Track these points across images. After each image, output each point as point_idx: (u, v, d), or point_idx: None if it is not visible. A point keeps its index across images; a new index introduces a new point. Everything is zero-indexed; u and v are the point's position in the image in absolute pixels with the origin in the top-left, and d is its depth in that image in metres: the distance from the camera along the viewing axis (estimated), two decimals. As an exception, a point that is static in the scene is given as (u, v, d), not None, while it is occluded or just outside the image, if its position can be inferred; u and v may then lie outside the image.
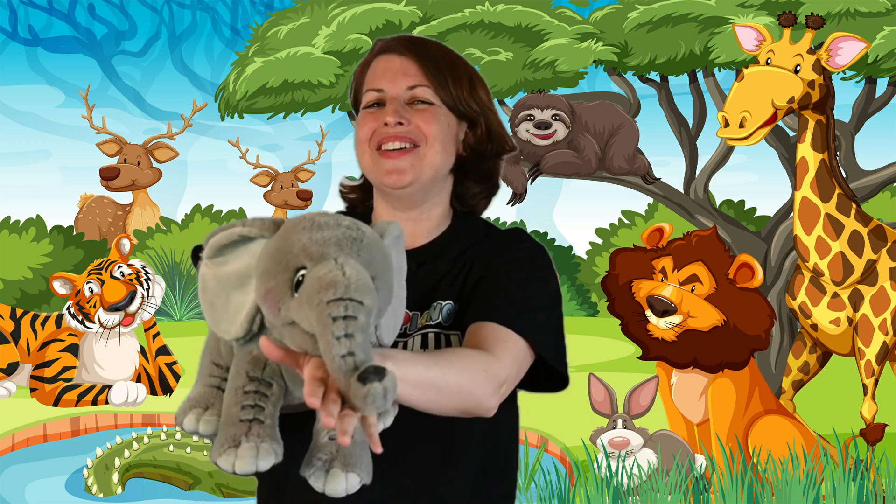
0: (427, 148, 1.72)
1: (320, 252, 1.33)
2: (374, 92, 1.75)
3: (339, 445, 1.40)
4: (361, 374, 1.24)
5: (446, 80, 1.75)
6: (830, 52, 4.42)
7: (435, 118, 1.73)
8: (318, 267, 1.31)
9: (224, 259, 1.41)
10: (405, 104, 1.73)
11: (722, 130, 4.45)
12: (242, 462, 1.35)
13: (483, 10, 5.58)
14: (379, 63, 1.78)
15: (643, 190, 5.65)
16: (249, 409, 1.38)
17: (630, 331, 4.49)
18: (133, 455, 5.09)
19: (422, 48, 1.78)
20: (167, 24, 11.21)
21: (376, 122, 1.73)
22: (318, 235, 1.34)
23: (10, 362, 6.17)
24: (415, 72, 1.75)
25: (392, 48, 1.78)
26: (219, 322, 1.41)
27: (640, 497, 4.41)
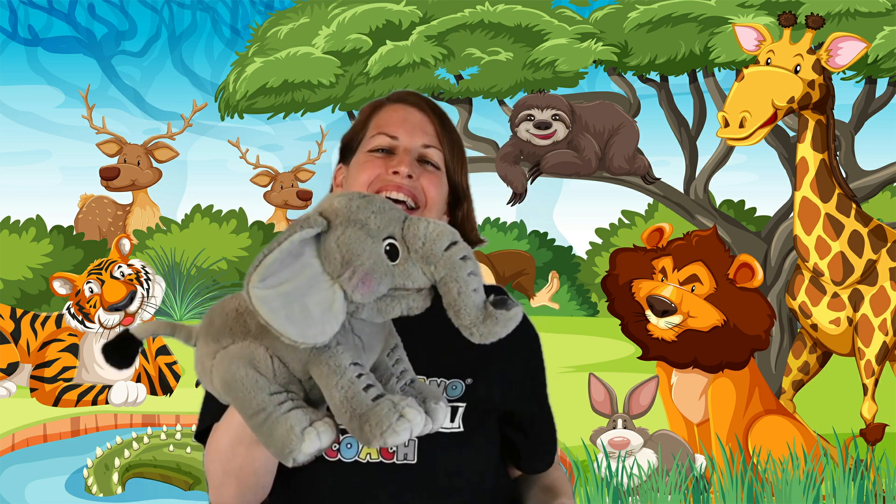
0: (426, 211, 1.69)
1: (394, 217, 1.43)
2: (386, 137, 1.71)
3: (417, 388, 1.52)
4: (497, 302, 1.40)
5: (454, 152, 1.74)
6: (830, 52, 4.42)
7: (440, 184, 1.71)
8: (412, 227, 1.42)
9: (278, 278, 1.40)
10: (415, 159, 1.70)
11: (722, 130, 4.45)
12: (417, 423, 1.41)
13: (483, 10, 5.58)
14: (396, 111, 1.74)
15: (643, 190, 5.65)
16: (372, 388, 1.43)
17: (630, 331, 4.49)
18: (133, 455, 5.09)
19: (440, 113, 1.76)
20: (167, 24, 11.21)
21: (384, 168, 1.69)
22: (377, 206, 1.44)
23: (10, 362, 6.17)
24: (432, 132, 1.72)
25: (411, 101, 1.75)
26: (307, 331, 1.39)
27: (640, 497, 4.41)
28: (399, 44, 5.59)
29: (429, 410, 1.48)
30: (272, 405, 1.46)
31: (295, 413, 1.45)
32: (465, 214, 1.77)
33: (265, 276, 1.39)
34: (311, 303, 1.40)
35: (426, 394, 1.50)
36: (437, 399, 1.49)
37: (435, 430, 1.47)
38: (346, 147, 1.78)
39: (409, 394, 1.50)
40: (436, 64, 5.59)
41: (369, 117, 1.76)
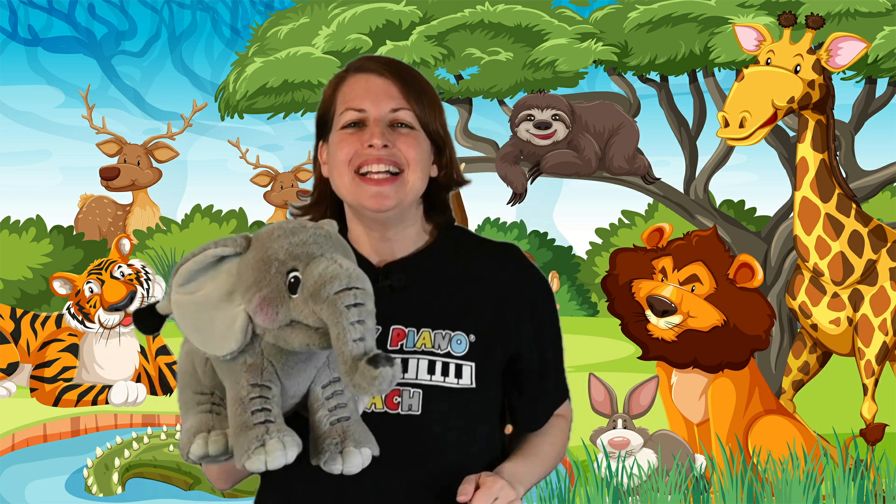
0: (409, 173, 1.71)
1: (307, 252, 1.45)
2: (354, 111, 1.72)
3: (344, 427, 1.52)
4: (371, 358, 1.38)
5: (424, 104, 1.74)
6: (830, 52, 4.42)
7: (417, 143, 1.72)
8: (313, 265, 1.43)
9: (197, 284, 1.48)
10: (387, 126, 1.71)
11: (722, 130, 4.44)
12: (273, 457, 1.45)
13: (483, 10, 5.58)
14: (357, 82, 1.75)
15: (643, 190, 5.65)
16: (259, 412, 1.47)
17: (630, 331, 4.49)
18: (133, 455, 5.09)
19: (401, 70, 1.76)
20: (167, 24, 11.21)
21: (359, 143, 1.70)
22: (297, 239, 1.46)
23: (10, 362, 6.17)
24: (396, 94, 1.73)
25: (371, 68, 1.76)
26: (208, 342, 1.48)
27: (640, 497, 4.41)
28: (399, 44, 5.59)
29: (344, 453, 1.51)
30: (192, 403, 1.56)
31: (202, 416, 1.54)
32: (448, 160, 1.79)
33: (183, 282, 1.48)
34: (218, 317, 1.47)
35: (349, 435, 1.52)
36: (358, 444, 1.52)
37: (346, 472, 1.52)
38: (320, 123, 1.79)
39: (336, 430, 1.52)
40: (436, 64, 5.59)
41: (335, 92, 1.77)
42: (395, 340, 1.68)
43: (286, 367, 1.49)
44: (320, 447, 1.52)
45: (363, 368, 1.38)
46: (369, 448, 1.53)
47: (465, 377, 1.68)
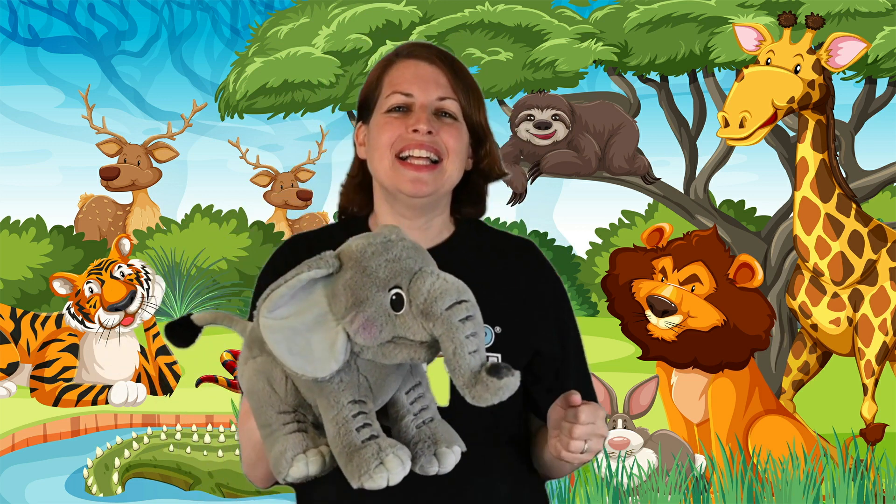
0: (448, 163, 1.73)
1: (405, 268, 1.44)
2: (401, 95, 1.73)
3: (432, 430, 1.54)
4: (491, 369, 1.40)
5: (470, 97, 1.76)
6: (830, 52, 4.42)
7: (459, 134, 1.74)
8: (418, 282, 1.43)
9: (289, 309, 1.47)
10: (432, 113, 1.73)
11: (722, 130, 4.44)
12: (395, 473, 1.45)
13: (483, 10, 5.58)
14: (407, 67, 1.76)
15: (643, 190, 5.65)
16: (364, 429, 1.47)
17: (630, 331, 4.49)
18: (133, 455, 5.09)
19: (451, 61, 1.78)
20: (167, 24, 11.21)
21: (403, 127, 1.72)
22: (391, 255, 1.45)
23: (10, 362, 6.17)
24: (445, 83, 1.75)
25: (421, 55, 1.77)
26: (307, 365, 1.46)
27: (640, 497, 4.41)
28: (399, 44, 5.58)
29: (438, 454, 1.52)
30: (277, 423, 1.53)
31: (294, 436, 1.53)
32: (487, 152, 1.81)
33: (273, 308, 1.46)
34: (315, 340, 1.46)
35: (439, 436, 1.54)
36: (449, 443, 1.53)
37: (442, 472, 1.53)
38: (363, 106, 1.80)
39: (425, 433, 1.54)
40: (436, 64, 5.58)
41: (382, 75, 1.78)
42: None
43: (379, 381, 1.50)
44: (413, 452, 1.52)
45: (486, 380, 1.39)
46: (458, 445, 1.54)
47: None
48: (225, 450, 4.97)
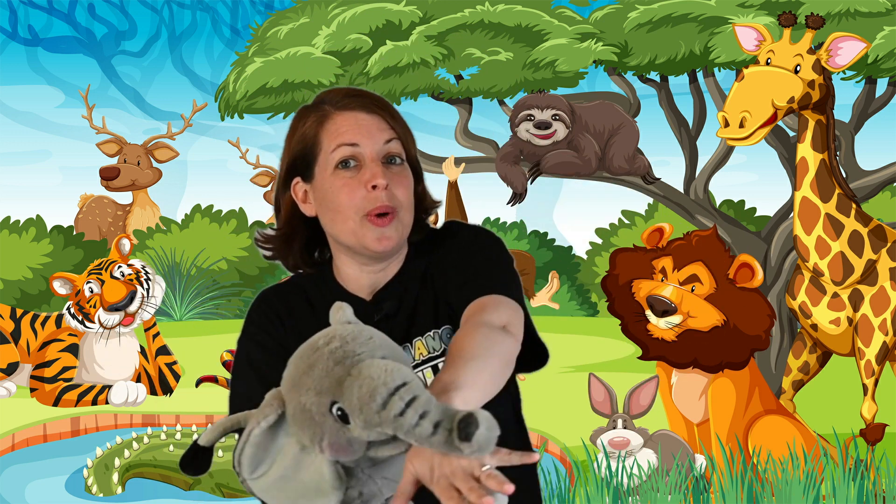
0: (404, 213, 1.74)
1: (334, 380, 1.37)
2: (347, 147, 1.73)
3: None
4: (459, 433, 1.29)
5: (407, 134, 1.77)
6: (830, 52, 4.42)
7: (406, 180, 1.76)
8: (347, 393, 1.35)
9: (266, 465, 1.44)
10: (382, 161, 1.73)
11: (722, 130, 4.44)
12: None
13: (483, 10, 5.58)
14: (346, 119, 1.74)
15: (643, 190, 5.65)
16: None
17: (630, 331, 4.49)
18: (133, 455, 5.09)
19: (384, 104, 1.78)
20: (167, 24, 11.21)
21: (360, 186, 1.72)
22: (316, 373, 1.38)
23: (10, 362, 6.17)
24: (386, 126, 1.75)
25: (355, 106, 1.76)
26: (311, 503, 1.44)
27: (640, 497, 4.41)
28: (399, 44, 5.58)
29: None
30: None
31: None
32: (423, 187, 1.83)
33: (252, 469, 1.43)
34: (306, 479, 1.42)
35: None
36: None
37: None
38: (299, 162, 1.79)
39: None
40: (436, 64, 5.59)
41: (318, 129, 1.76)
42: None
43: (391, 468, 1.45)
44: None
45: (460, 446, 1.30)
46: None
47: None
48: (225, 450, 4.97)
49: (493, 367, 1.55)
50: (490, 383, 1.53)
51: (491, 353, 1.55)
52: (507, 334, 1.61)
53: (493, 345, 1.57)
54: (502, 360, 1.58)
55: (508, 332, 1.62)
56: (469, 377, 1.47)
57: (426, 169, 1.87)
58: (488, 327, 1.60)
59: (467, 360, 1.51)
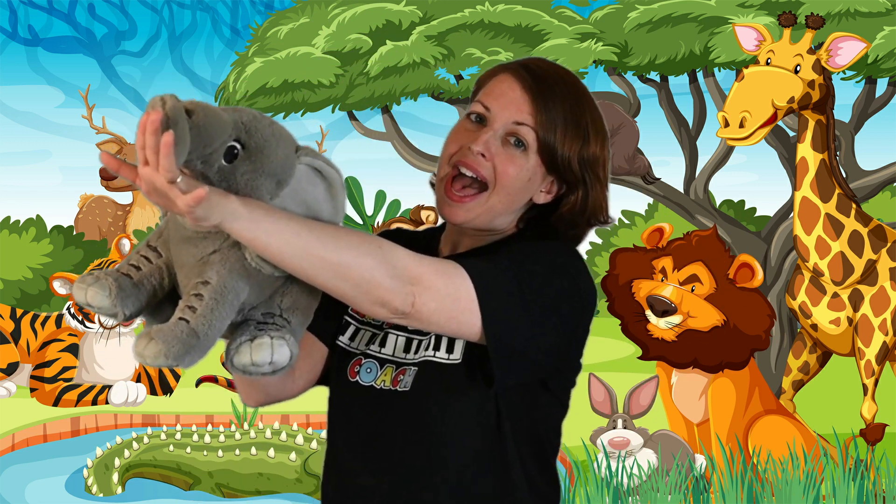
0: (493, 193, 1.63)
1: None
2: (481, 105, 1.66)
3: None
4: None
5: (557, 128, 1.63)
6: (830, 52, 4.42)
7: (517, 165, 1.63)
8: None
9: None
10: (502, 136, 1.63)
11: (722, 130, 4.44)
12: None
13: (483, 10, 5.58)
14: (502, 82, 1.67)
15: (643, 190, 5.65)
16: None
17: (630, 331, 4.49)
18: (133, 455, 5.09)
19: (548, 87, 1.65)
20: (167, 24, 11.22)
21: (467, 138, 1.64)
22: None
23: (10, 362, 6.17)
24: (527, 109, 1.63)
25: (520, 76, 1.66)
26: None
27: (640, 497, 4.41)
28: (399, 44, 5.59)
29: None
30: None
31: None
32: (573, 205, 1.67)
33: None
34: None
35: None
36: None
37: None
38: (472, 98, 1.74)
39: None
40: (436, 64, 5.59)
41: (488, 80, 1.71)
42: None
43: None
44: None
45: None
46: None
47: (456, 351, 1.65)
48: (225, 450, 4.97)
49: (317, 251, 1.42)
50: (299, 247, 1.42)
51: (330, 244, 1.43)
52: (381, 262, 1.44)
53: (344, 246, 1.44)
54: (336, 261, 1.43)
55: (387, 262, 1.45)
56: (276, 221, 1.41)
57: (426, 169, 1.86)
58: (369, 242, 1.46)
59: (300, 226, 1.43)
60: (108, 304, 1.46)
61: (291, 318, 1.55)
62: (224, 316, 1.45)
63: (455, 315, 1.51)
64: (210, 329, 1.43)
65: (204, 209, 1.36)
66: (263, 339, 1.49)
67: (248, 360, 1.49)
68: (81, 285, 1.47)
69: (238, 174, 1.42)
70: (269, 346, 1.49)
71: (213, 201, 1.37)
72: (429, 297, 1.48)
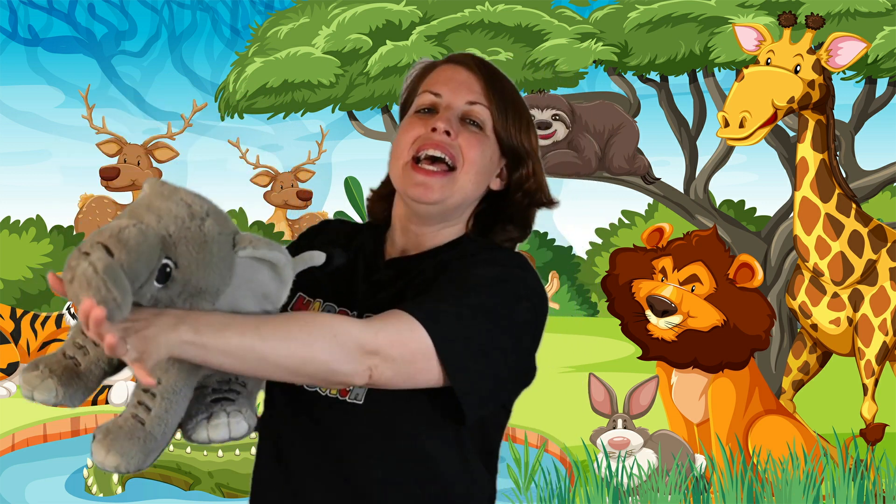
0: (462, 173, 1.64)
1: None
2: (430, 94, 1.67)
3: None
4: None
5: (506, 110, 1.67)
6: (830, 52, 4.42)
7: (481, 144, 1.65)
8: None
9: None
10: (458, 118, 1.66)
11: (722, 130, 4.44)
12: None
13: (483, 10, 5.58)
14: (445, 71, 1.70)
15: (643, 190, 5.65)
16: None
17: (630, 331, 4.49)
18: (133, 455, 5.09)
19: (491, 71, 1.70)
20: (167, 24, 11.22)
21: (424, 127, 1.65)
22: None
23: (10, 362, 6.17)
24: (478, 90, 1.67)
25: (462, 61, 1.71)
26: None
27: (640, 497, 4.41)
28: (399, 44, 5.59)
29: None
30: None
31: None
32: (527, 175, 1.71)
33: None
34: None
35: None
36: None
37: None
38: (402, 110, 1.74)
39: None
40: (436, 64, 5.59)
41: (422, 78, 1.72)
42: None
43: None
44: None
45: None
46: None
47: None
48: (225, 450, 4.97)
49: (262, 350, 1.38)
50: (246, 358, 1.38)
51: (276, 339, 1.39)
52: (330, 340, 1.42)
53: (292, 336, 1.41)
54: (286, 353, 1.40)
55: (336, 339, 1.42)
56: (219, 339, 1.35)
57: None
58: (318, 325, 1.43)
59: (244, 329, 1.38)
60: (54, 401, 1.47)
61: (247, 381, 1.52)
62: (178, 412, 1.43)
63: (412, 375, 1.50)
64: (167, 429, 1.42)
65: (143, 347, 1.28)
66: (220, 419, 1.48)
67: (205, 437, 1.49)
68: (27, 386, 1.46)
69: (175, 295, 1.37)
70: (225, 425, 1.48)
71: (152, 335, 1.30)
72: (385, 367, 1.46)
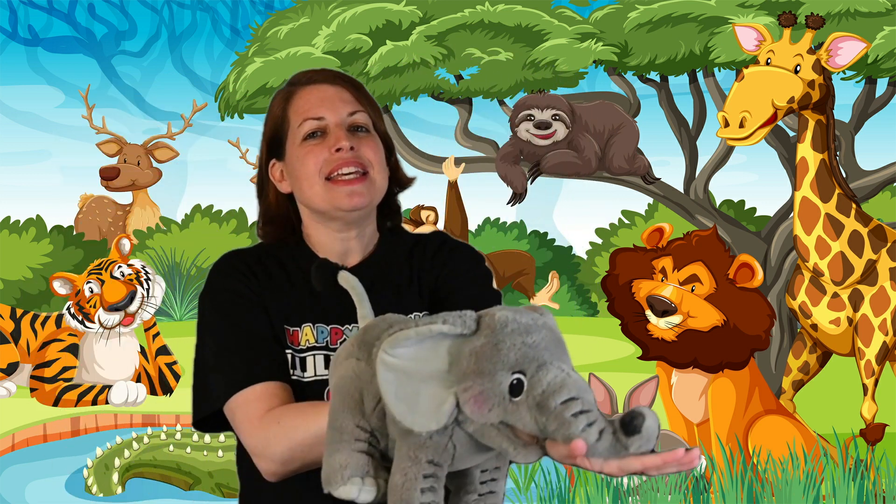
0: (375, 173, 1.77)
1: (537, 357, 1.38)
2: (313, 121, 1.77)
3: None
4: (626, 428, 1.43)
5: (374, 107, 1.82)
6: (830, 52, 4.42)
7: (376, 144, 1.79)
8: (542, 372, 1.37)
9: (410, 352, 1.40)
10: (346, 130, 1.77)
11: (722, 130, 4.44)
12: None
13: (483, 10, 5.58)
14: (310, 93, 1.80)
15: (643, 190, 5.65)
16: (428, 492, 1.43)
17: (630, 331, 4.49)
18: (133, 455, 5.09)
19: (347, 78, 1.83)
20: (167, 24, 11.22)
21: (325, 151, 1.75)
22: (531, 340, 1.39)
23: (10, 362, 6.17)
24: (350, 98, 1.79)
25: (323, 79, 1.81)
26: (408, 415, 1.41)
27: (640, 497, 4.41)
28: (399, 44, 5.59)
29: None
30: (350, 435, 1.49)
31: (360, 456, 1.48)
32: (395, 161, 1.86)
33: (395, 346, 1.40)
34: (424, 393, 1.41)
35: None
36: None
37: None
38: (273, 143, 1.82)
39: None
40: (436, 64, 5.59)
41: (286, 107, 1.80)
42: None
43: (465, 453, 1.45)
44: None
45: (628, 442, 1.44)
46: None
47: None
48: (225, 450, 4.98)
49: None
50: None
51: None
52: None
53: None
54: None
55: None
56: None
57: (426, 169, 1.90)
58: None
59: None
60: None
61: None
62: None
63: None
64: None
65: None
66: None
67: None
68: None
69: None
70: None
71: None
72: None
